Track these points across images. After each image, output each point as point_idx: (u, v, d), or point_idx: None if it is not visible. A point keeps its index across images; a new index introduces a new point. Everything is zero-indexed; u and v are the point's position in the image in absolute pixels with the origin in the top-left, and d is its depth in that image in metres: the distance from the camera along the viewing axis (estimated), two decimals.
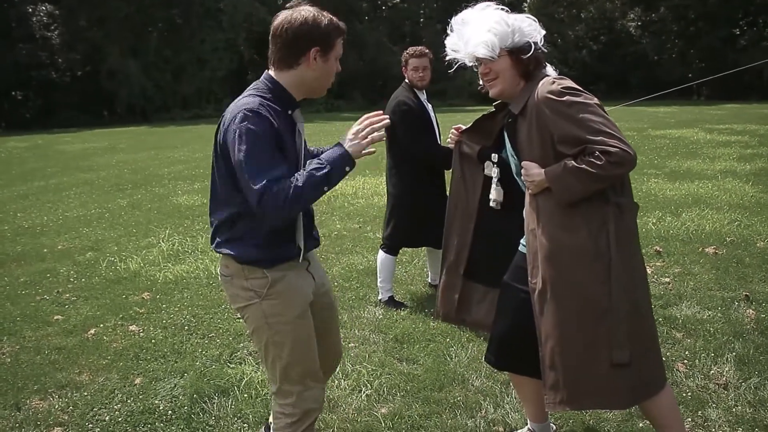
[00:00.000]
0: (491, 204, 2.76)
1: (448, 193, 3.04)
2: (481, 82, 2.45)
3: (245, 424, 3.16)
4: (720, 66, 34.06)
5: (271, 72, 2.26)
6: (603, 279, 2.22)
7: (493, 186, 2.74)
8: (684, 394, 3.25)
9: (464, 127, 2.86)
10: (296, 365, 2.31)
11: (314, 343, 2.37)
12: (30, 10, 34.88)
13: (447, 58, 2.45)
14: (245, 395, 3.41)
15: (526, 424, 2.92)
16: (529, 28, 2.32)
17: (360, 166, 4.26)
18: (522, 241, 2.54)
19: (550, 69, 2.42)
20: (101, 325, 4.50)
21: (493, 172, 2.74)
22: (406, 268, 5.59)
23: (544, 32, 2.38)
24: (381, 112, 2.25)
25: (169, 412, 3.30)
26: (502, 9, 2.36)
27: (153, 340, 4.19)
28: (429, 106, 4.66)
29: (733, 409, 3.10)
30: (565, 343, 2.27)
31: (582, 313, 2.25)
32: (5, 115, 34.71)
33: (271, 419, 2.59)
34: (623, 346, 2.22)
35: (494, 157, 2.73)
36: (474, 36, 2.31)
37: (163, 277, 5.56)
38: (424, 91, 4.66)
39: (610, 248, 2.21)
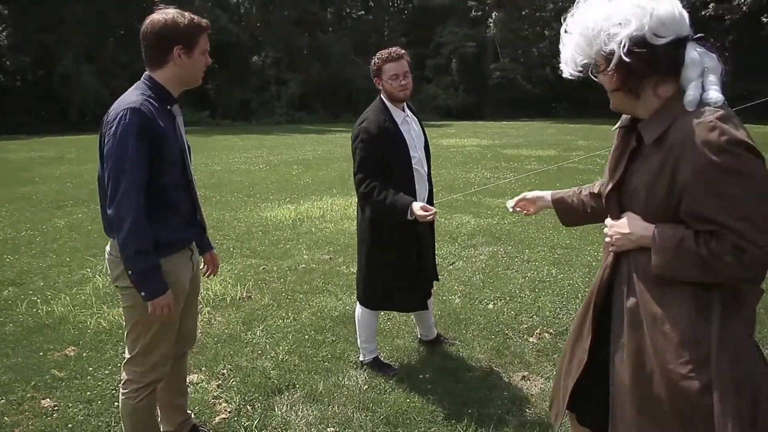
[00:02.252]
0: None
1: None
2: None
3: None
4: None
5: (148, 72, 2.44)
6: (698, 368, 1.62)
7: None
8: None
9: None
10: (157, 346, 2.54)
11: (176, 328, 2.61)
12: None
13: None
14: None
15: None
16: (615, 29, 1.62)
17: (326, 183, 3.45)
18: None
19: (705, 87, 1.62)
20: (4, 399, 3.49)
21: None
22: (389, 315, 4.69)
23: (649, 23, 1.58)
24: None
25: None
26: None
27: (69, 424, 3.21)
28: (413, 124, 3.63)
29: None
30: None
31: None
32: None
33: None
34: None
35: None
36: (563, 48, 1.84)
37: (94, 325, 4.55)
38: (406, 106, 3.61)
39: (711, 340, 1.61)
